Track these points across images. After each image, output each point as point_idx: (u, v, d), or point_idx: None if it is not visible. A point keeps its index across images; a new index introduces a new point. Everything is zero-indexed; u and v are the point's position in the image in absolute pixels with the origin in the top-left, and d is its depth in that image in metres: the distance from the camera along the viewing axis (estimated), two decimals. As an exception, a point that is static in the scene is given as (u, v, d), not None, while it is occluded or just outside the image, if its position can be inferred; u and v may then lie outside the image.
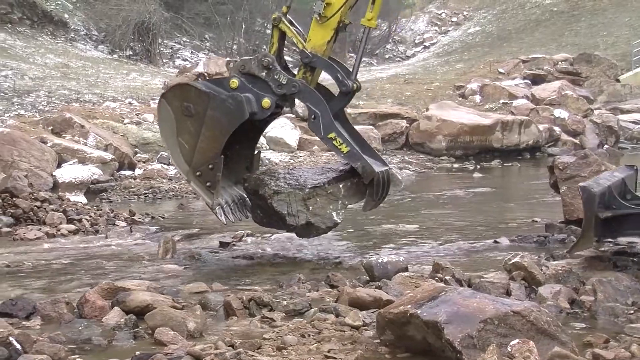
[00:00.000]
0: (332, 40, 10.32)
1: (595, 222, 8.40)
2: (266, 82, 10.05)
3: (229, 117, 9.97)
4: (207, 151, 10.01)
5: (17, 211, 13.12)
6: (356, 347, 5.81)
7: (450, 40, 55.02)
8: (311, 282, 8.47)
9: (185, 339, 6.20)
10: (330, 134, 9.95)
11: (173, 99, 10.22)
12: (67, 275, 9.46)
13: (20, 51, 35.58)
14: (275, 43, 10.43)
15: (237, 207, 10.38)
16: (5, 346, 5.66)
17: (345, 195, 10.24)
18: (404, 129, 28.06)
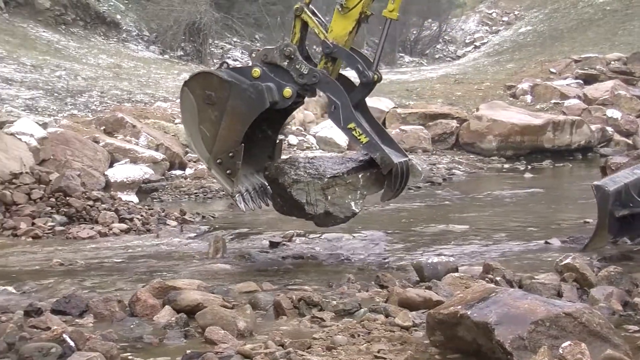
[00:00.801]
0: (353, 31, 10.34)
1: (610, 220, 8.30)
2: (288, 71, 10.11)
3: (249, 106, 10.05)
4: (227, 139, 10.09)
5: (71, 210, 13.27)
6: (406, 347, 5.78)
7: (501, 39, 54.56)
8: (361, 282, 8.45)
9: (236, 338, 6.21)
10: (350, 124, 9.98)
11: (195, 87, 10.30)
12: (119, 273, 9.54)
13: (74, 52, 35.97)
14: (297, 33, 10.50)
15: (257, 194, 10.48)
16: (59, 343, 5.72)
17: (364, 185, 10.25)
18: (454, 129, 27.94)
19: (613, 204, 8.34)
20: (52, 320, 6.53)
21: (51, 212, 13.28)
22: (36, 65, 30.80)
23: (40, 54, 33.36)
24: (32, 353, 5.60)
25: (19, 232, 12.49)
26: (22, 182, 13.95)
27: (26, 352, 5.61)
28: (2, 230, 12.64)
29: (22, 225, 12.59)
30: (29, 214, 13.08)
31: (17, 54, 31.82)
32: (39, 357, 5.58)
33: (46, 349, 5.64)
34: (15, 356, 5.65)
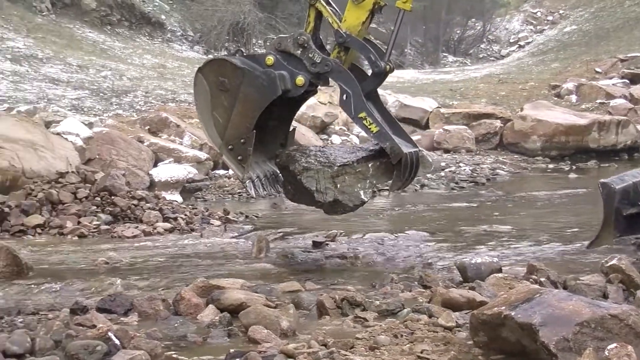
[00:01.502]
0: (367, 21, 10.29)
1: (617, 218, 8.25)
2: (301, 60, 10.13)
3: (261, 93, 10.11)
4: (239, 126, 10.19)
5: (115, 209, 13.37)
6: (449, 348, 5.77)
7: (546, 39, 54.22)
8: (404, 283, 8.44)
9: (279, 337, 6.23)
10: (361, 113, 9.94)
11: (209, 73, 10.38)
12: (163, 272, 9.60)
13: (119, 52, 36.27)
14: (312, 22, 10.45)
15: (268, 181, 10.57)
16: (105, 341, 5.77)
17: (374, 174, 10.23)
18: (498, 129, 27.81)
19: (620, 202, 8.30)
20: (97, 319, 6.59)
21: (96, 211, 13.38)
22: (82, 65, 31.11)
23: (86, 54, 33.69)
24: (78, 351, 5.65)
25: (65, 231, 12.61)
26: (68, 182, 14.08)
27: (72, 350, 5.67)
28: (48, 228, 12.77)
29: (68, 224, 12.71)
30: (75, 212, 13.20)
31: (63, 54, 32.17)
32: (84, 354, 5.64)
33: (92, 346, 5.70)
34: (61, 353, 5.71)
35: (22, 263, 9.31)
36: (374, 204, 17.07)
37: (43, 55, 31.43)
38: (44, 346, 5.83)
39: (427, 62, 53.40)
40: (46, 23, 37.03)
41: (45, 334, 6.11)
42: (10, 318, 6.96)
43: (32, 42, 32.86)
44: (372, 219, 14.63)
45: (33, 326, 6.55)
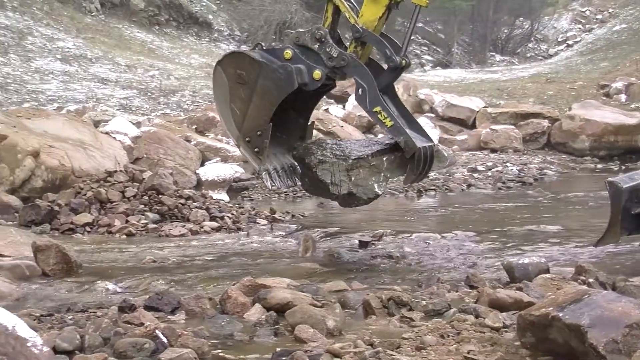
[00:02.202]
0: (383, 17, 10.29)
1: (626, 216, 8.19)
2: (318, 54, 10.20)
3: (278, 87, 10.18)
4: (256, 118, 10.28)
5: (163, 208, 13.46)
6: (496, 349, 5.73)
7: (595, 38, 53.68)
8: (450, 283, 8.41)
9: (325, 336, 6.22)
10: (376, 107, 9.99)
11: (228, 66, 10.49)
12: (210, 271, 9.65)
13: (167, 52, 36.53)
14: (329, 17, 10.51)
15: (285, 174, 10.57)
16: (152, 339, 5.82)
17: (388, 168, 10.29)
18: (545, 129, 27.62)
19: (629, 201, 8.25)
20: (145, 317, 6.65)
21: (144, 209, 13.49)
22: (130, 65, 31.39)
23: (135, 54, 33.98)
24: (127, 348, 5.71)
25: (113, 229, 12.73)
26: (117, 180, 14.21)
27: (121, 347, 5.73)
28: (97, 227, 12.90)
29: (117, 223, 12.83)
30: (123, 211, 13.32)
31: (112, 54, 32.48)
32: (132, 352, 5.69)
33: (140, 344, 5.75)
34: (110, 350, 5.76)
35: (72, 261, 9.41)
36: (421, 204, 17.04)
37: (92, 55, 31.77)
38: (93, 343, 5.89)
39: (474, 62, 53.12)
40: (95, 23, 37.39)
41: (94, 332, 6.18)
42: (60, 315, 7.04)
43: (81, 42, 33.21)
44: (418, 218, 14.60)
45: (82, 323, 6.62)
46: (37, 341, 4.91)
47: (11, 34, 31.04)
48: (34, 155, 15.00)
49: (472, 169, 22.41)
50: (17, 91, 25.59)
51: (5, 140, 15.12)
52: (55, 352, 5.39)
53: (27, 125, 16.44)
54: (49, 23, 34.06)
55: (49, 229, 12.78)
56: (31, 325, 5.72)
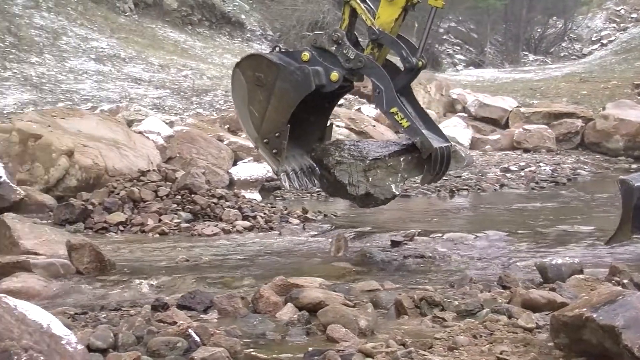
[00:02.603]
0: (400, 18, 10.36)
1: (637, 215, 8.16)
2: (335, 56, 10.29)
3: (295, 88, 10.28)
4: (274, 120, 10.39)
5: (195, 207, 13.51)
6: (529, 349, 5.70)
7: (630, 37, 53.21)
8: (483, 283, 8.37)
9: (357, 336, 6.22)
10: (392, 108, 10.05)
11: (246, 68, 10.64)
12: (242, 270, 9.67)
13: (200, 52, 36.65)
14: (346, 19, 10.64)
15: (304, 175, 10.67)
16: (185, 338, 5.84)
17: (405, 168, 10.36)
18: (579, 129, 27.47)
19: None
20: (178, 315, 6.68)
21: (177, 209, 13.54)
22: (163, 64, 31.52)
23: (168, 53, 34.12)
24: (160, 347, 5.74)
25: (146, 228, 12.79)
26: (150, 180, 14.28)
27: (154, 346, 5.76)
28: (130, 226, 12.97)
29: (150, 222, 12.90)
30: (156, 210, 13.38)
31: (145, 54, 32.63)
32: (165, 350, 5.72)
33: (172, 343, 5.77)
34: (143, 349, 5.80)
35: (105, 260, 9.47)
36: (453, 204, 17.00)
37: (126, 55, 31.93)
38: (126, 341, 5.93)
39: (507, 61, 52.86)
40: (129, 23, 37.58)
41: (128, 330, 6.21)
42: (94, 313, 7.10)
43: (115, 42, 33.40)
44: (451, 218, 14.56)
45: (116, 322, 6.66)
46: (72, 339, 4.95)
47: (46, 34, 31.27)
48: (68, 154, 15.11)
49: (505, 169, 22.34)
50: (52, 91, 25.78)
51: (40, 140, 15.25)
52: (89, 350, 5.43)
53: (61, 125, 16.56)
54: (83, 23, 34.27)
55: (82, 227, 12.88)
56: (65, 323, 5.75)
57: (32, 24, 31.61)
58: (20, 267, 8.94)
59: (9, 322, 4.71)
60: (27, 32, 30.60)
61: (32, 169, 15.09)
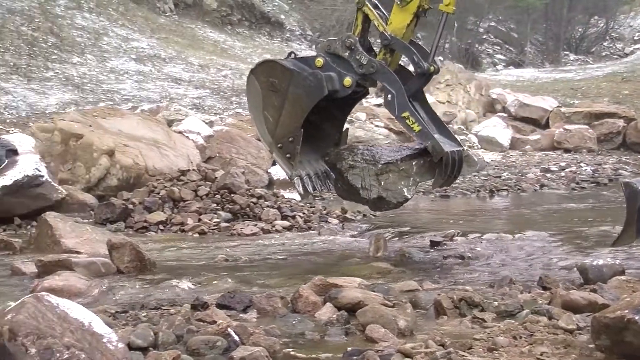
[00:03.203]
0: (411, 24, 10.55)
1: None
2: (348, 61, 10.44)
3: (308, 94, 10.44)
4: (288, 125, 10.53)
5: (235, 207, 13.57)
6: (570, 351, 5.66)
7: (672, 36, 52.74)
8: (523, 283, 8.33)
9: (396, 336, 6.20)
10: (404, 113, 10.21)
11: (261, 74, 10.79)
12: (281, 270, 9.69)
13: (239, 51, 36.77)
14: (359, 25, 10.82)
15: (319, 179, 10.81)
16: (224, 337, 5.86)
17: (417, 172, 10.54)
18: (620, 129, 27.24)
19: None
20: (217, 315, 6.70)
21: (216, 208, 13.61)
22: (203, 65, 31.67)
23: (207, 53, 34.28)
24: (199, 346, 5.76)
25: (186, 228, 12.86)
26: (190, 179, 14.36)
27: (193, 345, 5.78)
28: (170, 225, 13.06)
29: (189, 221, 12.96)
30: (196, 210, 13.45)
31: (185, 54, 32.80)
32: (205, 349, 5.74)
33: (212, 342, 5.79)
34: (183, 348, 5.82)
35: (146, 259, 9.53)
36: (493, 204, 16.92)
37: (166, 55, 32.13)
38: (166, 340, 5.96)
39: (548, 61, 52.51)
40: (169, 24, 37.80)
41: (168, 329, 6.24)
42: (134, 312, 7.14)
43: (155, 42, 33.61)
44: (490, 219, 14.50)
45: (156, 320, 6.70)
46: (112, 337, 4.99)
47: (87, 35, 31.54)
48: (109, 154, 15.23)
49: (545, 169, 22.21)
50: (93, 91, 25.99)
51: (81, 140, 15.38)
52: (129, 349, 5.46)
53: (102, 125, 16.69)
54: (124, 24, 34.53)
55: (123, 227, 12.98)
56: (106, 321, 5.80)
57: (74, 25, 31.90)
58: (62, 265, 9.02)
59: (51, 320, 4.76)
60: (69, 32, 30.88)
61: (74, 169, 15.24)
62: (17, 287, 8.74)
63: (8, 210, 13.19)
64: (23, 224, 13.17)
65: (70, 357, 4.55)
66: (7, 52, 26.89)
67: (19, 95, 23.93)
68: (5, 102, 23.11)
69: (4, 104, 22.84)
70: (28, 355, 4.50)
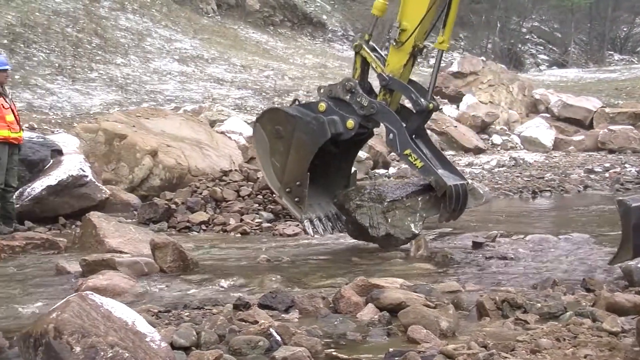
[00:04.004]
0: (408, 64, 11.02)
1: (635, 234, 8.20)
2: (350, 104, 10.92)
3: (312, 138, 10.91)
4: (295, 169, 11.01)
5: (277, 207, 13.60)
6: (614, 354, 5.61)
7: None
8: (566, 285, 8.26)
9: (438, 337, 6.18)
10: (406, 150, 10.66)
11: (266, 123, 11.32)
12: (323, 270, 9.70)
13: (281, 52, 36.84)
14: (358, 68, 11.30)
15: (329, 221, 11.37)
16: (266, 337, 5.88)
17: (423, 207, 10.91)
18: (666, 129, 26.95)
19: None
20: (259, 315, 6.72)
21: (258, 208, 13.66)
22: (245, 65, 31.75)
23: (250, 54, 34.37)
24: (241, 345, 5.78)
25: (228, 228, 12.92)
26: (232, 180, 14.42)
27: (235, 344, 5.80)
28: (212, 225, 13.12)
29: (232, 221, 13.02)
30: (238, 210, 13.50)
31: (227, 54, 32.92)
32: (247, 349, 5.76)
33: (254, 342, 5.81)
34: (225, 347, 5.84)
35: (188, 258, 9.58)
36: (536, 205, 16.80)
37: (208, 55, 32.27)
38: (208, 340, 5.98)
39: (592, 61, 52.09)
40: (212, 24, 37.97)
41: (210, 328, 6.26)
42: (177, 312, 7.18)
43: (198, 43, 33.77)
44: (533, 220, 14.39)
45: (198, 320, 6.73)
46: (156, 336, 5.03)
47: (131, 36, 31.76)
48: (152, 154, 15.34)
49: (589, 170, 22.03)
50: (137, 91, 26.17)
51: (125, 140, 15.50)
52: (172, 348, 5.48)
53: (145, 125, 16.81)
54: (167, 25, 34.72)
55: (166, 226, 13.07)
56: (150, 321, 5.86)
57: (117, 26, 32.14)
58: (106, 265, 9.09)
59: (95, 319, 4.80)
60: (112, 33, 31.11)
61: (117, 169, 15.36)
62: (62, 286, 8.83)
63: (53, 210, 13.33)
64: (67, 223, 13.31)
65: (114, 355, 4.59)
66: (53, 54, 27.14)
67: (64, 96, 24.15)
68: (51, 102, 23.33)
69: (49, 105, 23.06)
70: (73, 353, 4.54)
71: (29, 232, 11.89)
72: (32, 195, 13.06)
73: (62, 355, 4.55)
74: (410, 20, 10.94)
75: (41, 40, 27.73)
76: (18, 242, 11.01)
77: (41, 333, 4.66)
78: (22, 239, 11.17)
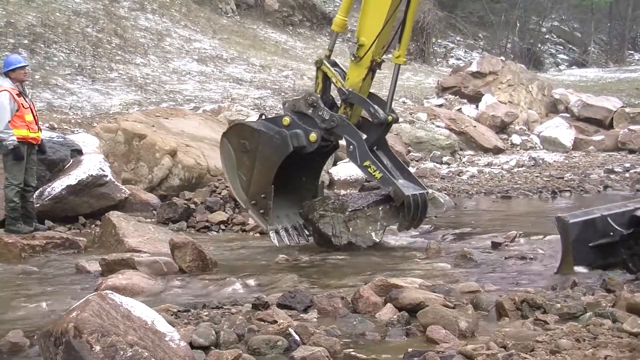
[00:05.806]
0: (367, 78, 11.37)
1: (579, 249, 8.80)
2: (312, 118, 11.29)
3: (276, 151, 11.27)
4: (260, 182, 11.37)
5: (295, 207, 13.58)
6: (635, 355, 5.58)
7: None
8: (586, 286, 8.22)
9: (457, 338, 6.17)
10: (365, 162, 11.02)
11: (232, 137, 11.70)
12: (342, 270, 9.70)
13: (300, 52, 36.86)
14: (320, 83, 11.62)
15: (296, 232, 11.73)
16: (285, 337, 5.89)
17: (384, 217, 11.25)
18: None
19: (583, 234, 8.84)
20: (278, 314, 6.73)
21: (277, 208, 13.64)
22: (264, 65, 31.78)
23: (269, 54, 34.40)
24: (260, 345, 5.79)
25: (247, 228, 12.94)
26: (251, 179, 14.40)
27: (254, 344, 5.81)
28: (232, 225, 13.15)
29: (250, 221, 13.01)
30: (257, 210, 13.49)
31: (247, 54, 32.95)
32: (266, 349, 5.77)
33: (273, 341, 5.82)
34: (244, 347, 5.85)
35: (207, 258, 9.60)
36: (555, 205, 16.75)
37: (227, 55, 32.31)
38: (227, 339, 5.99)
39: (612, 61, 51.87)
40: (231, 24, 38.02)
41: (229, 328, 6.27)
42: (196, 311, 7.19)
43: (217, 43, 33.82)
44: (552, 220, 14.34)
45: (217, 320, 6.74)
46: (175, 336, 5.05)
47: (150, 36, 31.84)
48: (171, 154, 15.37)
49: (609, 170, 21.94)
50: (156, 91, 26.24)
51: (144, 140, 15.54)
52: (191, 347, 5.50)
53: (165, 125, 16.85)
54: (186, 25, 34.81)
55: (185, 226, 13.09)
56: (169, 320, 5.87)
57: (137, 26, 32.24)
58: (125, 264, 9.13)
59: (115, 318, 4.82)
60: (132, 33, 31.21)
61: (137, 168, 15.40)
62: (82, 285, 8.87)
63: (73, 209, 13.38)
64: (87, 222, 13.36)
65: (134, 354, 4.61)
66: (73, 54, 27.24)
67: (84, 96, 24.24)
68: (71, 102, 23.42)
69: (69, 104, 23.15)
70: (93, 352, 4.56)
71: (49, 232, 11.94)
72: (52, 194, 13.12)
73: (82, 354, 4.57)
74: (368, 35, 11.34)
75: (61, 40, 27.84)
76: (38, 242, 11.06)
77: (61, 332, 4.69)
78: (43, 238, 11.21)
